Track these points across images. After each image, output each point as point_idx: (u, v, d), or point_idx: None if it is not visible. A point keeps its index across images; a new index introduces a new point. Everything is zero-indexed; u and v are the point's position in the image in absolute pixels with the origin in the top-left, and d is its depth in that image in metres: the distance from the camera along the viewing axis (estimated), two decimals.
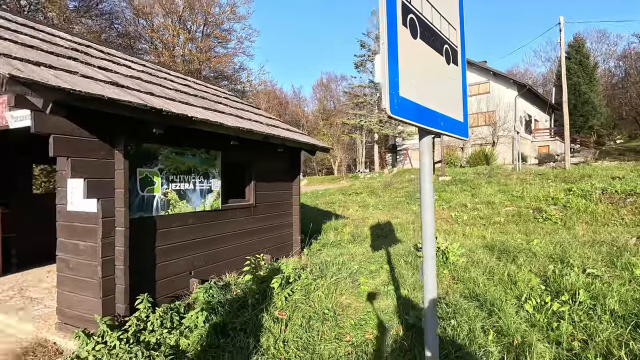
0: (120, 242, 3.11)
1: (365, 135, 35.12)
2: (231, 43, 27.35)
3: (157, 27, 24.63)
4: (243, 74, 29.22)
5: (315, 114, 48.15)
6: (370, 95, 32.44)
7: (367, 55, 31.79)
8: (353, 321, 3.37)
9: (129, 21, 23.66)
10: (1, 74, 2.01)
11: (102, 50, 4.65)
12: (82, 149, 2.90)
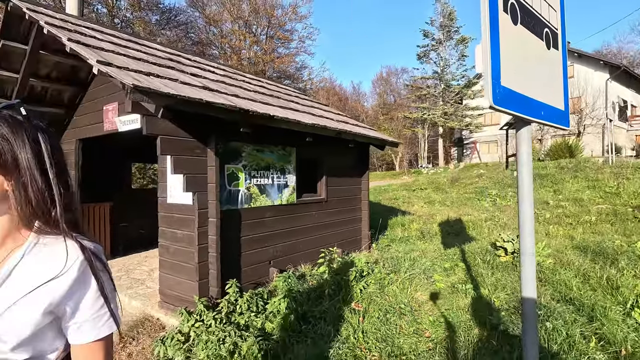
0: (213, 231, 3.44)
1: (428, 129, 33.78)
2: (293, 43, 28.15)
3: (226, 33, 26.26)
4: (304, 72, 29.93)
5: (375, 109, 47.52)
6: (434, 87, 31.04)
7: (431, 45, 30.44)
8: (431, 318, 3.32)
9: (201, 29, 25.59)
10: (127, 84, 2.35)
11: (189, 58, 5.14)
12: (182, 148, 3.25)
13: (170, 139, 3.15)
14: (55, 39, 3.54)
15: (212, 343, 2.90)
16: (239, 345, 2.88)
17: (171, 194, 3.78)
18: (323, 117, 5.01)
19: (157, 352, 3.02)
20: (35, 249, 0.78)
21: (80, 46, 2.96)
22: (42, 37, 4.28)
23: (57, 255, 0.77)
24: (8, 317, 0.72)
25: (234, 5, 25.18)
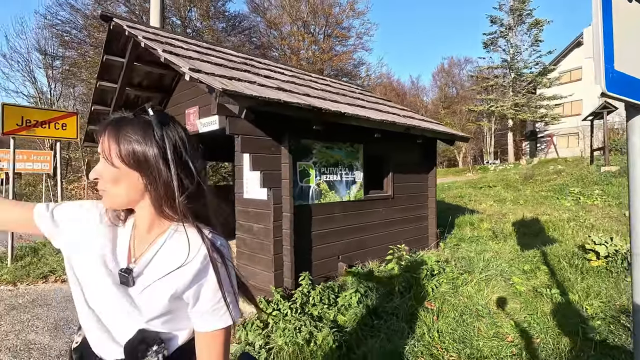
0: (287, 225, 3.61)
1: (495, 122, 31.49)
2: (350, 40, 28.09)
3: (285, 34, 27.07)
4: (362, 69, 29.71)
5: (436, 103, 45.53)
6: (503, 76, 28.78)
7: (499, 32, 28.26)
8: (513, 321, 3.13)
9: (263, 33, 26.69)
10: (216, 88, 2.58)
11: (259, 62, 5.43)
12: (259, 147, 3.46)
13: (249, 138, 3.36)
14: (148, 51, 3.98)
15: (289, 331, 3.05)
16: (314, 335, 3.00)
17: (247, 189, 4.03)
18: (389, 113, 4.96)
19: (239, 336, 3.26)
20: (174, 237, 0.86)
21: (172, 56, 3.30)
22: (137, 50, 4.83)
23: (183, 246, 0.83)
24: (147, 294, 0.83)
25: (293, 7, 25.86)
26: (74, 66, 19.41)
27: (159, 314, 0.83)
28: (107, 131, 0.81)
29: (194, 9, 20.69)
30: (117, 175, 0.80)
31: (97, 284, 0.84)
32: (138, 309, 0.83)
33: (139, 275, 0.84)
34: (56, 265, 5.77)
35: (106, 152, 0.80)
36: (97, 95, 5.60)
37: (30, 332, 3.72)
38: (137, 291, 0.83)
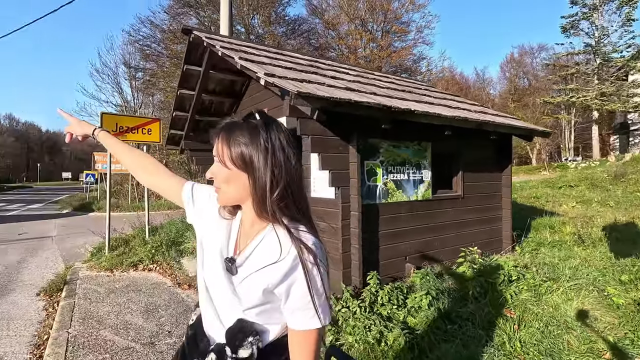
0: (355, 224, 3.63)
1: (575, 115, 28.29)
2: (410, 35, 27.27)
3: (343, 34, 27.14)
4: (422, 63, 28.68)
5: (504, 96, 42.25)
6: (586, 63, 25.71)
7: (581, 14, 25.28)
8: (610, 338, 2.80)
9: (321, 34, 27.06)
10: (291, 91, 2.69)
11: (324, 63, 5.52)
12: (328, 146, 3.53)
13: (319, 138, 3.44)
14: (222, 59, 4.28)
15: (358, 329, 3.07)
16: (385, 335, 2.98)
17: (315, 188, 4.14)
18: (459, 109, 4.73)
19: None
20: (269, 235, 0.90)
21: (248, 62, 3.51)
22: (212, 59, 5.21)
23: (276, 244, 0.87)
24: (245, 284, 0.89)
25: (350, 6, 25.83)
26: (153, 77, 21.53)
27: (253, 305, 0.88)
28: (221, 135, 0.90)
29: (256, 16, 21.69)
30: (229, 176, 0.88)
31: (212, 269, 0.94)
32: (238, 297, 0.90)
33: (240, 266, 0.91)
34: (143, 255, 6.46)
35: (220, 155, 0.89)
36: (178, 102, 6.15)
37: (127, 314, 4.22)
38: (238, 280, 0.90)
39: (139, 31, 21.31)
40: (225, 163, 0.86)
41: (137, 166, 1.17)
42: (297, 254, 0.84)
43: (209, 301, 0.94)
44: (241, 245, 0.95)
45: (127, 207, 16.82)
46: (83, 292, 5.00)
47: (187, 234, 7.55)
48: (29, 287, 5.51)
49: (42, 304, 4.80)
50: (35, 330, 3.98)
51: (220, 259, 0.93)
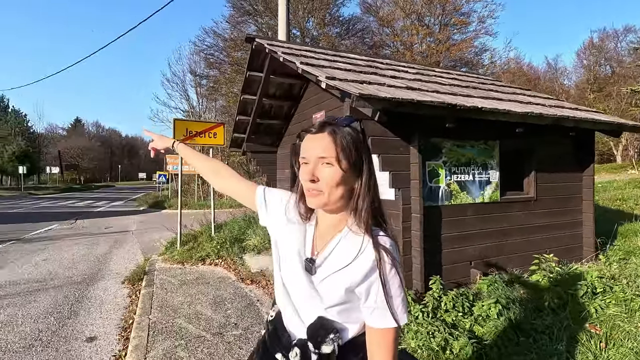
0: (416, 226, 3.54)
1: None
2: (471, 26, 25.76)
3: (398, 30, 26.50)
4: (485, 56, 26.92)
5: (581, 86, 38.03)
6: None
7: None
8: None
9: (375, 32, 26.69)
10: (353, 93, 2.70)
11: (381, 62, 5.46)
12: (388, 147, 3.48)
13: (379, 139, 3.41)
14: (282, 64, 4.42)
15: (421, 334, 2.99)
16: (450, 343, 2.86)
17: None
18: (532, 104, 4.36)
19: None
20: (348, 236, 0.93)
21: (308, 67, 3.59)
22: (273, 65, 5.42)
23: (356, 245, 0.90)
24: (326, 284, 0.92)
25: (406, 1, 25.12)
26: (216, 83, 22.95)
27: (335, 303, 0.91)
28: (334, 138, 0.89)
29: (311, 19, 22.07)
30: (342, 179, 0.89)
31: (290, 269, 0.98)
32: (319, 295, 0.93)
33: (319, 266, 0.94)
34: (210, 251, 6.93)
35: (335, 158, 0.88)
36: (241, 107, 6.49)
37: (197, 304, 4.56)
38: (318, 280, 0.94)
39: (204, 41, 22.89)
40: (341, 166, 0.87)
41: (210, 172, 1.27)
42: (377, 255, 0.87)
43: (287, 298, 0.99)
44: (318, 247, 0.97)
45: (194, 205, 18.14)
46: (160, 282, 5.50)
47: (249, 232, 7.94)
48: (116, 276, 6.21)
49: (127, 291, 5.38)
50: (122, 315, 4.47)
51: (298, 260, 0.97)
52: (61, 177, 53.50)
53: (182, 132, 7.39)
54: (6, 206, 21.29)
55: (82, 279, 6.02)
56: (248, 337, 3.59)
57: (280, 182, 7.22)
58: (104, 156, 70.77)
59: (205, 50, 23.09)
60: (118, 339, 3.80)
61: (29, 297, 5.08)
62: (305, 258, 0.96)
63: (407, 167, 3.58)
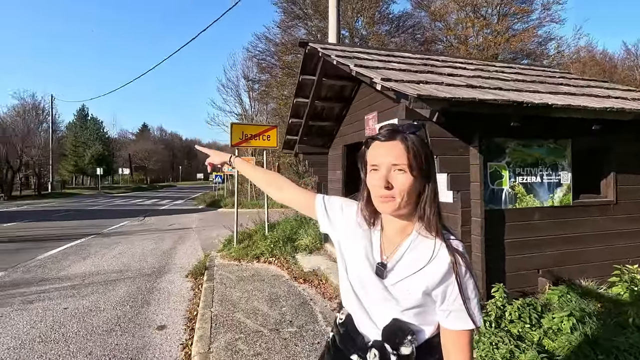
0: (477, 231, 3.38)
1: None
2: (534, 14, 23.84)
3: (451, 24, 25.36)
4: (550, 45, 24.75)
5: None
6: None
7: None
8: None
9: (426, 28, 25.81)
10: (410, 94, 2.66)
11: (437, 60, 5.28)
12: (446, 148, 3.36)
13: (436, 140, 3.31)
14: (334, 66, 4.47)
15: (483, 344, 2.85)
16: (516, 355, 2.69)
17: None
18: (611, 98, 3.94)
19: None
20: (419, 240, 0.96)
21: (362, 69, 3.59)
22: (325, 68, 5.50)
23: (430, 249, 0.92)
24: (401, 287, 0.94)
25: None
26: (267, 87, 23.77)
27: (412, 306, 0.93)
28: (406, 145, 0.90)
29: (360, 19, 21.96)
30: (413, 185, 0.91)
31: (360, 273, 1.00)
32: (394, 298, 0.94)
33: (391, 270, 0.96)
34: (264, 249, 7.19)
35: (404, 164, 0.89)
36: (294, 110, 6.66)
37: (254, 300, 4.76)
38: (391, 283, 0.95)
39: (256, 47, 23.82)
40: (412, 173, 0.90)
41: (268, 184, 1.31)
42: (452, 258, 0.91)
43: (357, 302, 1.01)
44: (387, 251, 0.99)
45: (247, 205, 18.94)
46: (219, 277, 5.83)
47: (300, 232, 8.12)
48: (180, 270, 6.70)
49: (190, 285, 5.79)
50: (187, 306, 4.81)
51: (368, 265, 0.99)
52: (131, 177, 58.92)
53: (239, 135, 7.77)
54: (87, 204, 23.96)
55: (151, 271, 6.59)
56: (303, 335, 3.68)
57: (331, 182, 7.29)
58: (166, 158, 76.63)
59: (258, 55, 24.03)
60: (184, 329, 4.10)
61: (108, 286, 5.68)
62: (378, 263, 0.98)
63: (466, 169, 3.43)
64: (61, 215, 16.84)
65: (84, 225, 13.02)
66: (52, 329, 4.02)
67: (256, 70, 25.94)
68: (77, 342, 3.70)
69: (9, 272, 6.42)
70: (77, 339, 3.77)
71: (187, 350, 3.52)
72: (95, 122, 55.63)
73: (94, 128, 54.38)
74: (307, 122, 6.71)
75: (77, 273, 6.43)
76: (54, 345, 3.65)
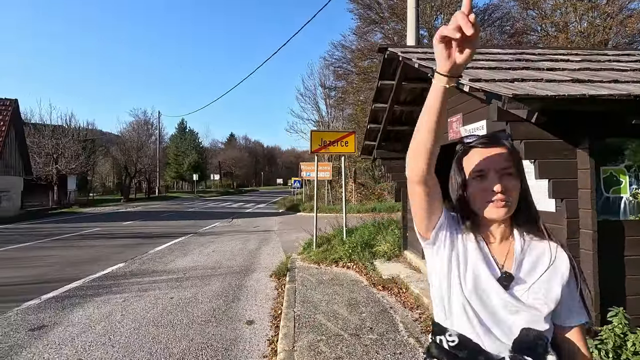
0: (587, 244, 2.95)
1: None
2: None
3: (548, 11, 22.69)
4: None
5: None
6: None
7: None
8: None
9: (517, 18, 23.53)
10: (504, 95, 2.46)
11: (533, 53, 4.78)
12: (547, 151, 3.02)
13: (535, 142, 3.00)
14: (415, 69, 4.34)
15: None
16: None
17: None
18: None
19: None
20: (532, 243, 0.96)
21: None
22: (405, 71, 5.39)
23: (546, 252, 0.95)
24: (532, 294, 0.91)
25: None
26: (344, 93, 24.11)
27: (551, 310, 0.90)
28: (510, 151, 0.96)
29: (440, 17, 21.01)
30: (519, 188, 0.94)
31: (479, 288, 0.92)
32: (529, 307, 0.89)
33: (515, 279, 0.92)
34: (342, 254, 7.28)
35: (512, 169, 0.93)
36: (372, 115, 6.65)
37: (334, 304, 4.84)
38: (520, 293, 0.91)
39: (333, 55, 24.38)
40: (517, 177, 0.94)
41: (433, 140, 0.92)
42: (569, 259, 0.95)
43: (476, 319, 0.91)
44: (499, 260, 0.95)
45: (325, 209, 19.38)
46: (300, 279, 6.08)
47: (378, 238, 8.03)
48: (264, 270, 7.15)
49: (274, 284, 6.14)
50: (272, 305, 5.11)
51: (489, 275, 0.92)
52: (220, 182, 64.85)
53: (318, 142, 8.04)
54: (186, 206, 27.10)
55: (239, 269, 7.16)
56: (384, 343, 3.63)
57: None
58: (250, 164, 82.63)
59: (334, 63, 24.56)
60: (270, 325, 4.36)
61: (204, 280, 6.33)
62: (501, 275, 0.92)
63: (572, 174, 3.03)
64: (166, 215, 19.32)
65: (184, 225, 14.73)
66: (161, 315, 4.63)
67: (332, 78, 26.52)
68: (181, 329, 4.20)
69: (129, 264, 7.59)
70: (181, 326, 4.28)
71: (274, 347, 3.74)
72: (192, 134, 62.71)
73: (190, 139, 61.34)
74: (385, 128, 6.63)
75: (179, 267, 7.31)
76: (164, 329, 4.19)
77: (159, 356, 3.54)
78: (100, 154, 38.17)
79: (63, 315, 4.64)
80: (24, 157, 20.60)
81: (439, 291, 0.98)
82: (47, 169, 24.14)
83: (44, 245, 9.97)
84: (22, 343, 3.83)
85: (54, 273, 6.80)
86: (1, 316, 4.59)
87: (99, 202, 31.03)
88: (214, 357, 3.54)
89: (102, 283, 6.13)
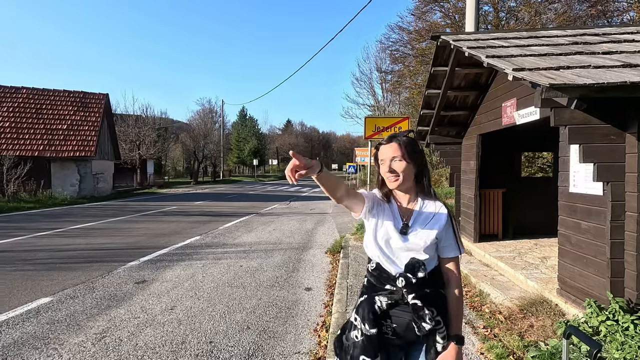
0: (632, 227, 3.03)
1: None
2: None
3: None
4: None
5: None
6: None
7: None
8: None
9: None
10: (542, 84, 2.64)
11: (596, 34, 4.60)
12: (592, 136, 3.11)
13: (580, 127, 3.10)
14: (466, 56, 4.47)
15: (630, 347, 2.64)
16: None
17: (575, 183, 3.68)
18: None
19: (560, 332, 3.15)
20: (426, 202, 1.45)
21: (494, 59, 3.59)
22: (458, 57, 5.48)
23: (434, 207, 1.44)
24: (418, 237, 1.38)
25: None
26: (400, 77, 23.67)
27: (427, 246, 1.37)
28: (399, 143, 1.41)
29: None
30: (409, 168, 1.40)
31: (388, 235, 1.42)
32: (415, 244, 1.38)
33: (411, 227, 1.41)
34: None
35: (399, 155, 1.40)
36: (425, 101, 6.80)
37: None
38: (412, 236, 1.40)
39: (389, 38, 23.95)
40: (407, 160, 1.40)
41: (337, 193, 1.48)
42: (448, 211, 1.44)
43: (383, 254, 1.41)
44: (404, 216, 1.45)
45: None
46: (353, 256, 6.60)
47: None
48: (320, 247, 7.80)
49: (329, 260, 6.74)
50: (327, 276, 5.71)
51: (393, 228, 1.42)
52: (277, 167, 67.58)
53: (372, 128, 8.36)
54: (247, 189, 29.04)
55: (298, 246, 7.89)
56: None
57: (464, 173, 7.13)
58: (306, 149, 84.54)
59: (391, 46, 24.12)
60: (325, 292, 4.95)
61: (268, 253, 7.14)
62: (402, 224, 1.43)
63: (619, 158, 3.08)
64: (231, 197, 21.05)
65: (247, 206, 16.05)
66: (234, 279, 5.47)
67: (389, 62, 26.08)
68: (251, 290, 4.98)
69: (203, 237, 8.73)
70: (250, 288, 5.05)
71: (329, 309, 4.31)
72: (252, 121, 65.83)
73: (251, 126, 64.48)
74: (438, 113, 6.75)
75: (245, 242, 8.26)
76: (236, 290, 5.00)
77: (235, 309, 4.31)
78: (172, 141, 42.02)
79: (158, 273, 5.70)
80: (114, 144, 23.70)
81: (367, 239, 1.49)
82: (132, 154, 27.47)
83: (135, 219, 11.73)
84: (132, 292, 4.87)
85: (146, 241, 8.13)
86: (114, 271, 5.79)
87: (172, 184, 34.50)
88: (279, 312, 4.22)
89: (184, 251, 7.23)
